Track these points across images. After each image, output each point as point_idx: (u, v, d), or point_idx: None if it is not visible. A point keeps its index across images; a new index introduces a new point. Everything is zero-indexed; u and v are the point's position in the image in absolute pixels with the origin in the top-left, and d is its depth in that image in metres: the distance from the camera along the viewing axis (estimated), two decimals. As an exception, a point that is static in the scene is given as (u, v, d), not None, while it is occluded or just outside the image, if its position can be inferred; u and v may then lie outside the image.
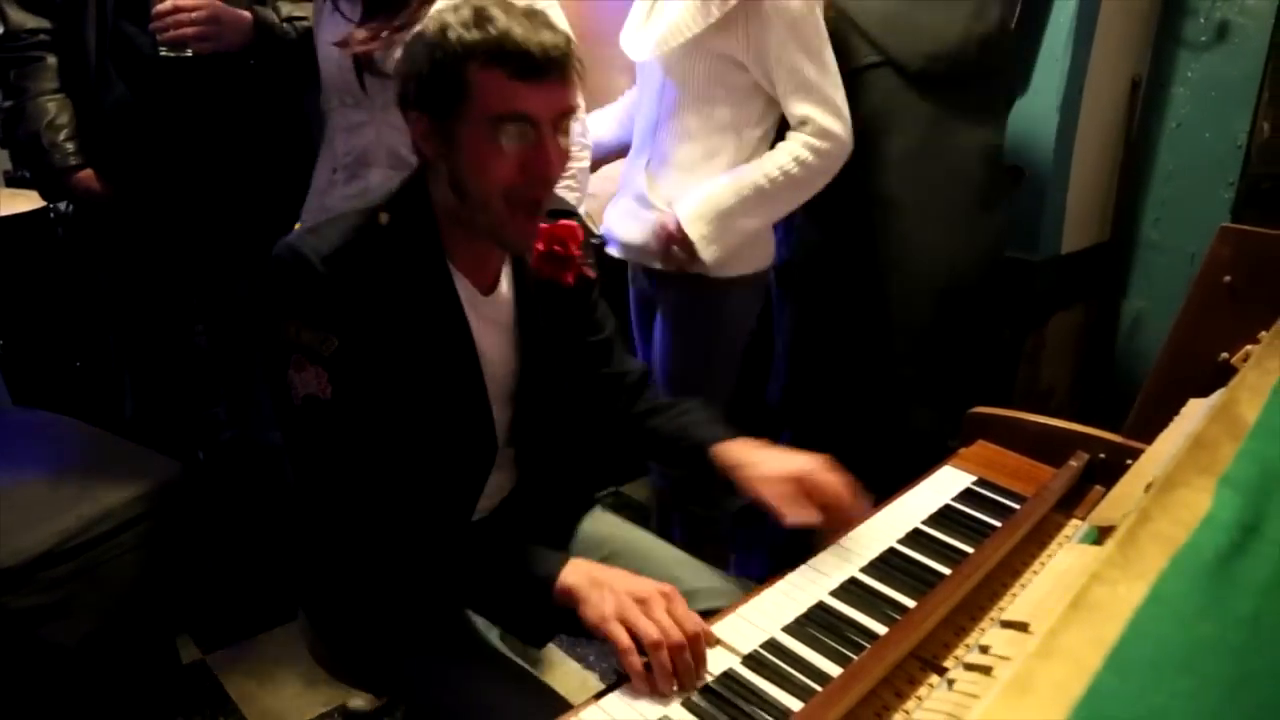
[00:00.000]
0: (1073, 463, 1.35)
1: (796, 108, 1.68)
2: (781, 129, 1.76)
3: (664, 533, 1.90)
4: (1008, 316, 2.21)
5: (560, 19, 1.48)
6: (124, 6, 1.65)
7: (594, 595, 1.01)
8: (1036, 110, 2.42)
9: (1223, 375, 1.19)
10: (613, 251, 1.91)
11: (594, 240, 1.55)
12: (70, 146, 1.72)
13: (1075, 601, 0.44)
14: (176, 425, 1.96)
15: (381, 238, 1.13)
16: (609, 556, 1.32)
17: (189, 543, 1.75)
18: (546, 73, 1.05)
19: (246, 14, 1.67)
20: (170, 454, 1.78)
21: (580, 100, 1.43)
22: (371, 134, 1.64)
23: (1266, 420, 0.62)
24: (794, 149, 1.69)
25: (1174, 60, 2.68)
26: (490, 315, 1.23)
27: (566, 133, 1.12)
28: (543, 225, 1.23)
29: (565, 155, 1.12)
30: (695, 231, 1.70)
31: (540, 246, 1.26)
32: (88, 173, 1.74)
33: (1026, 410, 1.50)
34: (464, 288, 1.19)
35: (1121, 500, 0.96)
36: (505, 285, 1.26)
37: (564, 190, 1.64)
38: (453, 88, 1.06)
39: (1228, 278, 1.31)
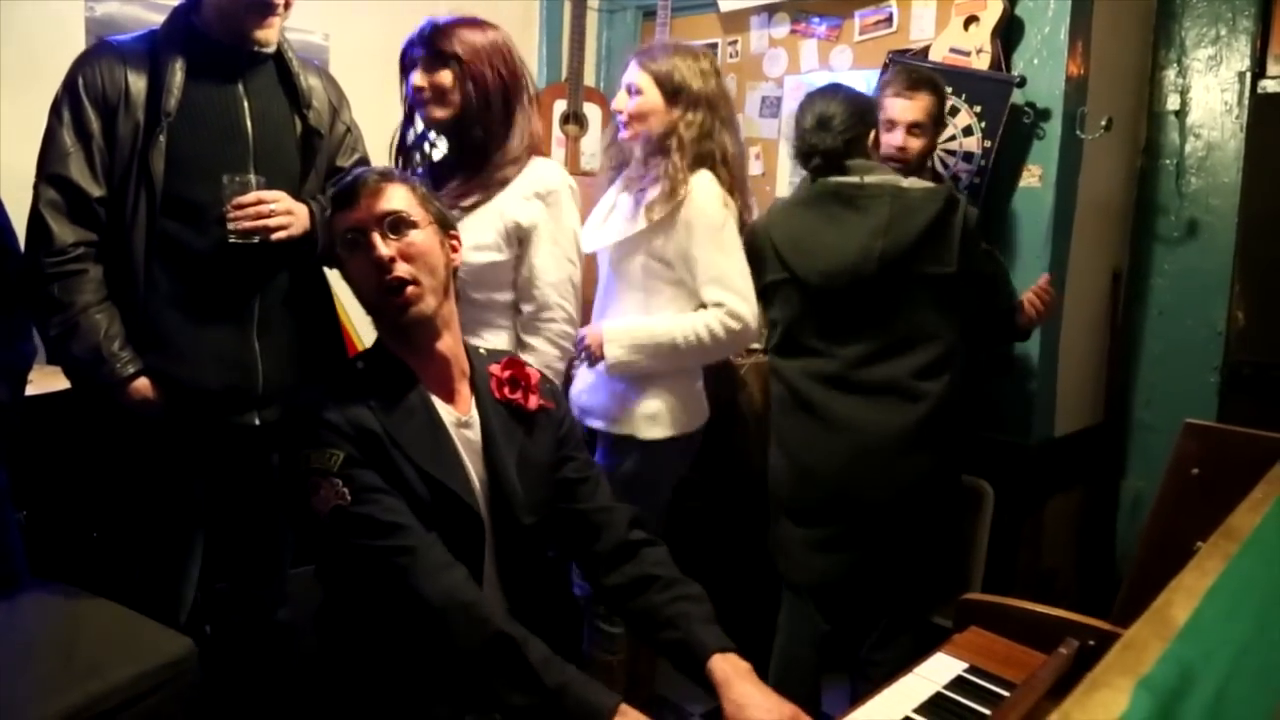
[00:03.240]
0: (1062, 650, 1.37)
1: (710, 294, 1.94)
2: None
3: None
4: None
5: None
6: (168, 207, 1.72)
7: None
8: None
9: (1197, 566, 1.23)
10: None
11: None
12: (126, 355, 1.72)
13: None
14: (181, 601, 1.96)
15: (363, 378, 1.35)
16: None
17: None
18: (358, 194, 1.35)
19: (304, 205, 1.81)
20: (180, 628, 1.80)
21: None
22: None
23: (1194, 622, 0.67)
24: (709, 321, 1.94)
25: (1151, 254, 2.85)
26: (465, 437, 1.39)
27: (397, 230, 1.35)
28: (497, 362, 1.46)
29: (397, 247, 1.34)
30: (612, 348, 1.95)
31: (498, 373, 1.45)
32: (144, 381, 1.74)
33: (1029, 594, 1.53)
34: (443, 409, 1.38)
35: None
36: (473, 411, 1.42)
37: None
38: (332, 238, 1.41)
39: (1195, 470, 1.37)
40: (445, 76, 1.79)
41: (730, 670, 1.28)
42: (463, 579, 1.23)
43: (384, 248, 1.33)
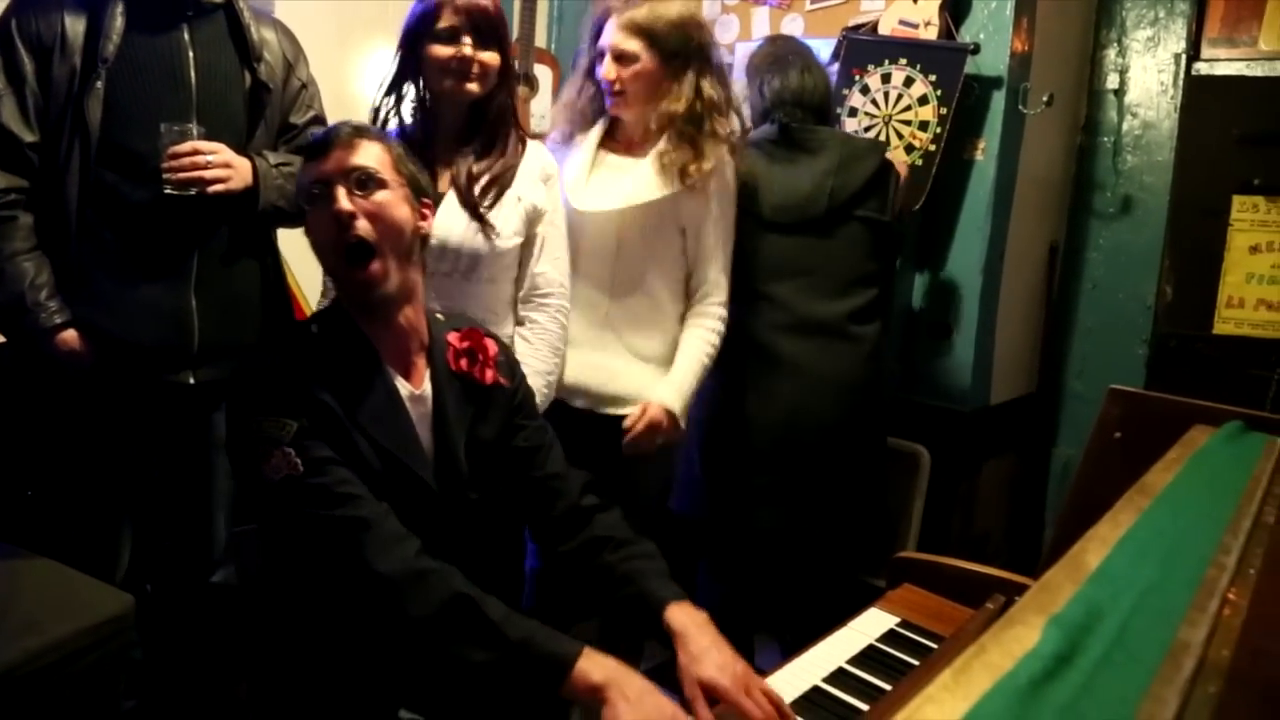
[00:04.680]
0: (989, 605, 1.42)
1: (708, 296, 1.96)
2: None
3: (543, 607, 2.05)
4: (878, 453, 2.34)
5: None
6: (105, 156, 1.69)
7: (622, 707, 1.06)
8: (961, 273, 2.63)
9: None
10: (579, 404, 2.00)
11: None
12: (53, 305, 1.69)
13: (906, 718, 0.53)
14: (117, 560, 1.94)
15: (317, 343, 1.33)
16: None
17: (137, 677, 1.74)
18: (326, 147, 1.31)
19: (247, 160, 1.77)
20: (119, 586, 1.78)
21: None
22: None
23: (1105, 567, 0.71)
24: (709, 336, 1.96)
25: (1087, 229, 2.94)
26: (419, 407, 1.38)
27: (363, 187, 1.31)
28: (457, 331, 1.44)
29: (360, 205, 1.30)
30: (682, 419, 1.91)
31: (455, 344, 1.43)
32: (71, 333, 1.71)
33: (963, 555, 1.58)
34: (399, 381, 1.36)
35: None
36: (427, 384, 1.40)
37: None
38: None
39: (1118, 434, 1.44)
40: (493, 56, 1.73)
41: (688, 621, 1.28)
42: (415, 551, 1.21)
43: (345, 202, 1.29)
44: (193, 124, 1.69)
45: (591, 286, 1.96)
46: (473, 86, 1.72)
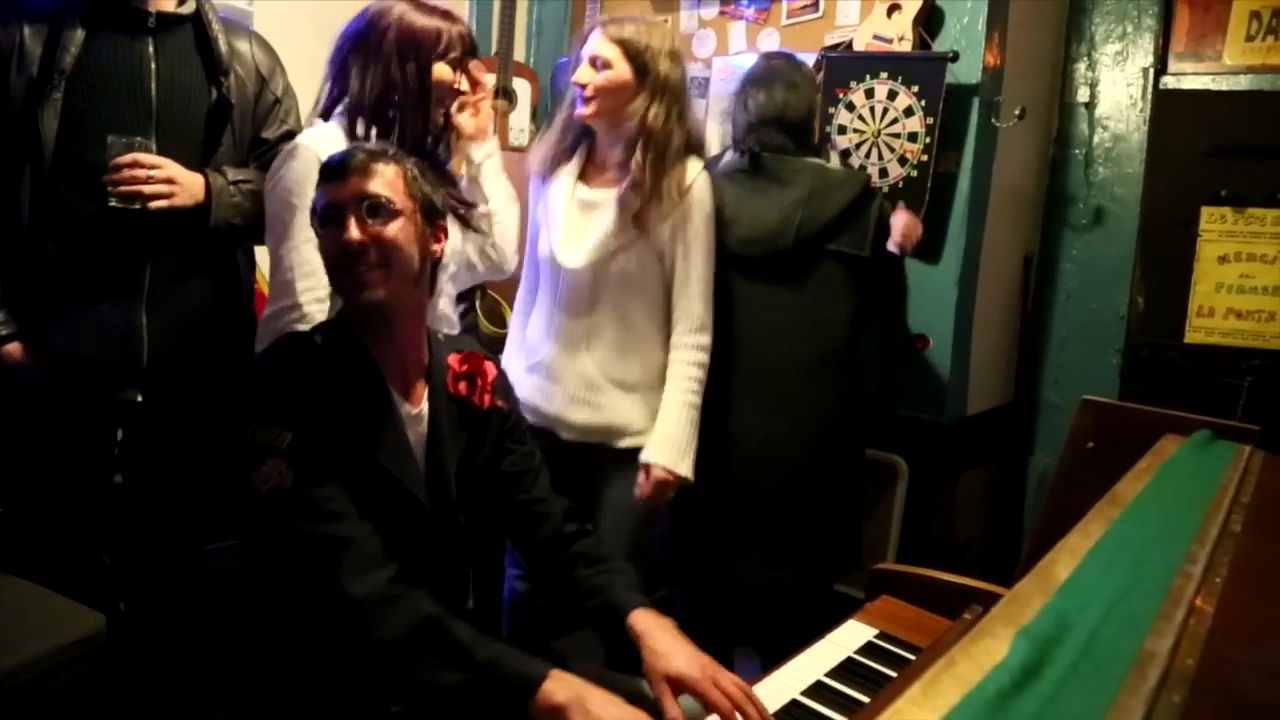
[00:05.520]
0: (967, 615, 1.43)
1: (684, 329, 1.94)
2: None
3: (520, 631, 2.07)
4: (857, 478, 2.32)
5: None
6: (59, 169, 1.67)
7: None
8: (938, 284, 2.65)
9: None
10: (566, 436, 2.00)
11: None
12: (0, 316, 1.68)
13: (874, 732, 0.53)
14: (98, 577, 1.92)
15: (319, 353, 1.32)
16: None
17: (110, 697, 1.72)
18: (341, 172, 1.31)
19: (199, 176, 1.75)
20: (94, 605, 1.76)
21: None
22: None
23: (1074, 579, 0.72)
24: (689, 372, 1.93)
25: (1061, 240, 2.97)
26: (415, 425, 1.37)
27: (375, 215, 1.30)
28: (458, 353, 1.44)
29: (371, 233, 1.29)
30: (684, 469, 1.90)
31: (455, 366, 1.43)
32: (15, 346, 1.70)
33: (942, 565, 1.59)
34: (396, 398, 1.35)
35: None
36: (424, 404, 1.40)
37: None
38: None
39: (1090, 444, 1.45)
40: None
41: (650, 623, 1.31)
42: (389, 577, 1.20)
43: (355, 230, 1.28)
44: (139, 137, 1.67)
45: (572, 318, 1.97)
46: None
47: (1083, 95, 2.90)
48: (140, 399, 1.78)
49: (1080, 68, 2.91)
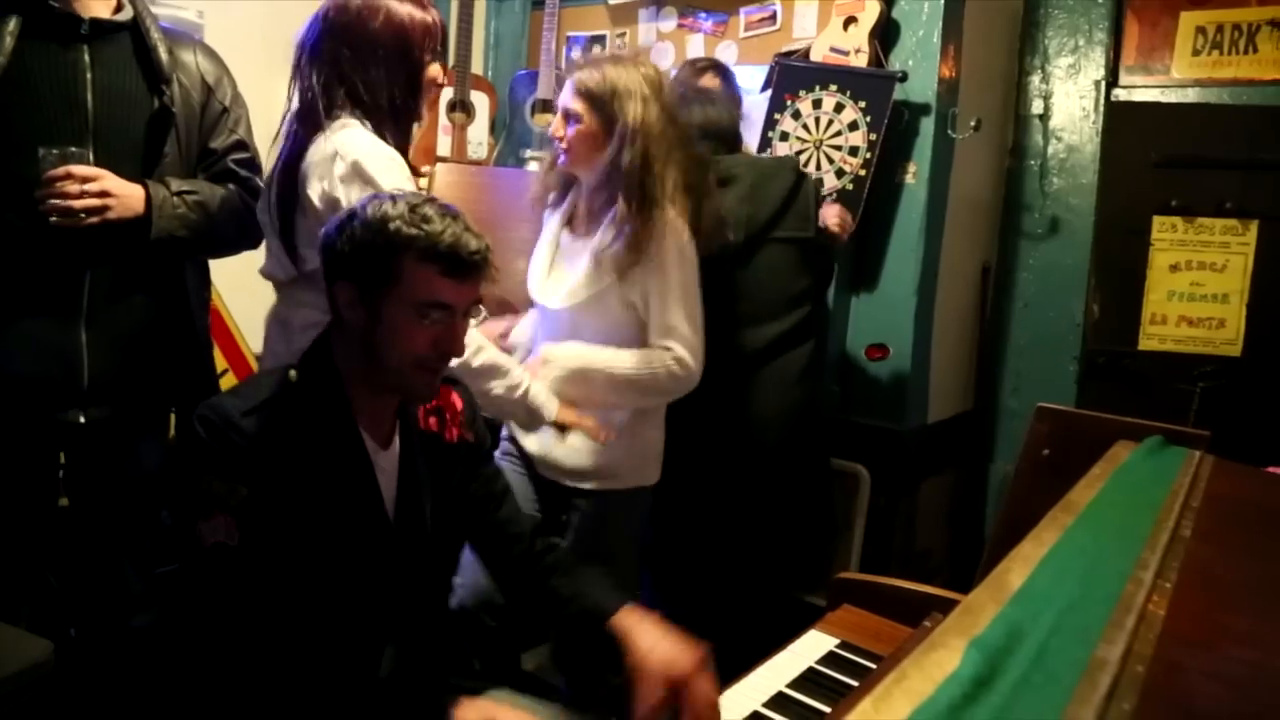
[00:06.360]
0: (927, 624, 1.43)
1: (659, 340, 1.85)
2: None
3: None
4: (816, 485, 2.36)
5: None
6: None
7: None
8: (896, 294, 2.67)
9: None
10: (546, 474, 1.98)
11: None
12: None
13: (823, 749, 0.52)
14: (42, 602, 1.86)
15: (292, 395, 1.25)
16: None
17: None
18: (470, 273, 1.23)
19: (139, 187, 1.70)
20: (43, 631, 1.72)
21: None
22: None
23: (1027, 587, 0.72)
24: (652, 360, 1.84)
25: (1017, 249, 3.01)
26: (385, 467, 1.33)
27: (471, 315, 1.30)
28: None
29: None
30: (553, 368, 1.84)
31: (425, 405, 1.40)
32: None
33: (905, 573, 1.60)
34: (368, 442, 1.30)
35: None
36: (396, 440, 1.36)
37: None
38: (385, 271, 1.21)
39: (1046, 451, 1.46)
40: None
41: (634, 620, 1.29)
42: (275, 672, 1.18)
43: (462, 340, 1.27)
44: (75, 149, 1.62)
45: None
46: None
47: (1037, 107, 2.95)
48: (83, 420, 1.73)
49: (1034, 80, 2.95)
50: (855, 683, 1.34)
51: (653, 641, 1.26)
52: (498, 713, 1.12)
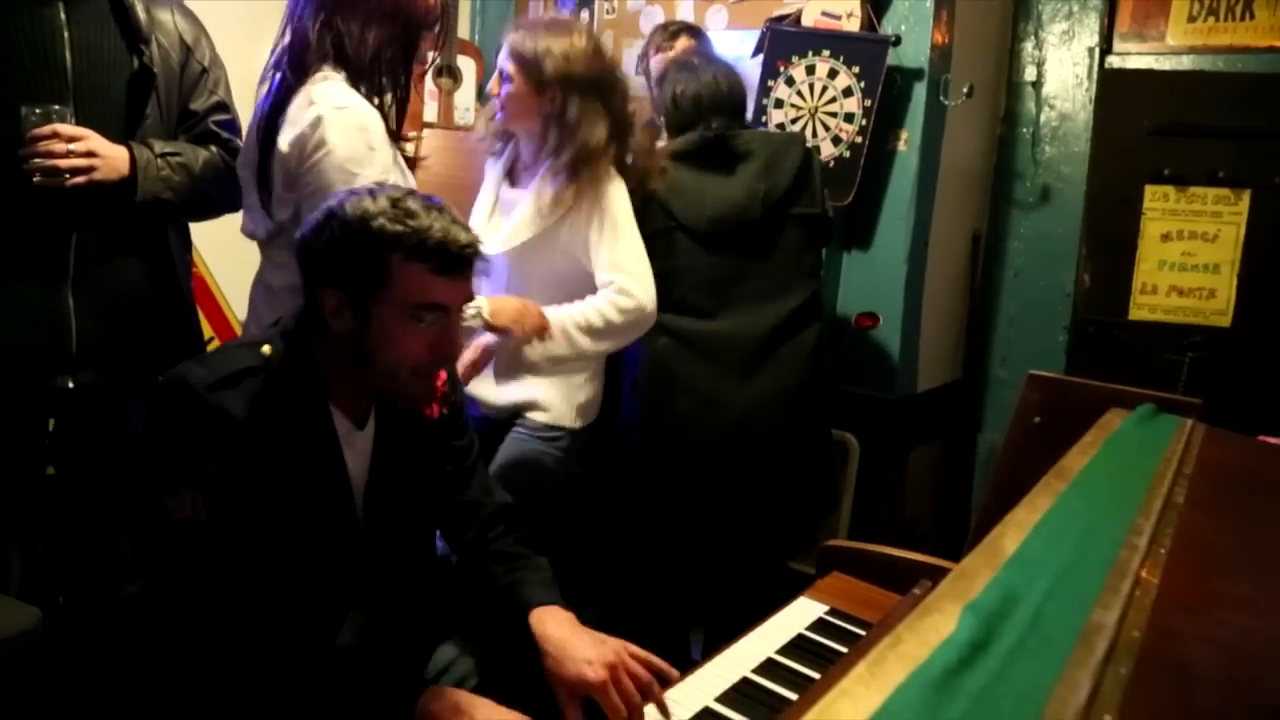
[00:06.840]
0: (916, 590, 1.44)
1: (602, 277, 1.89)
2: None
3: None
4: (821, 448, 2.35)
5: None
6: None
7: None
8: (887, 263, 2.66)
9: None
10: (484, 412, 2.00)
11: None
12: None
13: (818, 714, 0.52)
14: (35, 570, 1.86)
15: (264, 371, 1.19)
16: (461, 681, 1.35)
17: (47, 692, 1.67)
18: (463, 268, 1.18)
19: (123, 148, 1.67)
20: (32, 599, 1.71)
21: None
22: None
23: (1021, 552, 0.72)
24: (598, 304, 1.86)
25: (1008, 218, 3.00)
26: (359, 446, 1.30)
27: (460, 310, 1.24)
28: None
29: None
30: (559, 327, 1.84)
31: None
32: None
33: (893, 541, 1.60)
34: (340, 422, 1.27)
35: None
36: (372, 417, 1.32)
37: None
38: (371, 273, 1.15)
39: (1037, 418, 1.46)
40: None
41: (547, 622, 1.26)
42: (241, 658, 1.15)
43: (459, 340, 1.26)
44: (59, 107, 1.59)
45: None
46: None
47: (1030, 74, 2.92)
48: (71, 385, 1.71)
49: (1027, 47, 2.93)
50: (845, 649, 1.35)
51: (561, 651, 1.22)
52: (464, 701, 1.11)
